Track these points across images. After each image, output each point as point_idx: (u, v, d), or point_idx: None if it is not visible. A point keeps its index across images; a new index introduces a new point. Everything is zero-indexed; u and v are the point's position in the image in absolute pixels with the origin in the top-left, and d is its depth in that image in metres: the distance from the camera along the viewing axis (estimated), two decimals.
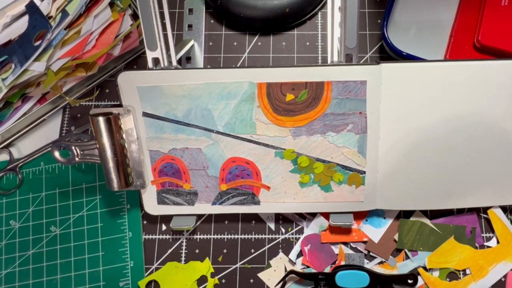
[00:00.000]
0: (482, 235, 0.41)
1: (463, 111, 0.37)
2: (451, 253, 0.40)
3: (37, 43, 0.38)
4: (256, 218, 0.43)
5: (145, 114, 0.38)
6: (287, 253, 0.42)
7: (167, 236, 0.43)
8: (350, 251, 0.41)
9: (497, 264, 0.40)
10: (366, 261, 0.41)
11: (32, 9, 0.37)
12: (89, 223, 0.43)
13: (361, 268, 0.39)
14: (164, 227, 0.43)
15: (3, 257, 0.43)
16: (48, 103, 0.44)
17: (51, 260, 0.42)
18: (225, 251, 0.42)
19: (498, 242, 0.41)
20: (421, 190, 0.39)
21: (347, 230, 0.41)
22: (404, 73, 0.36)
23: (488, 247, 0.41)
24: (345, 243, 0.41)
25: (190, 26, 0.48)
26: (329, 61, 0.38)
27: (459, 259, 0.40)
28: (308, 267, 0.41)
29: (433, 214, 0.42)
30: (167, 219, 0.43)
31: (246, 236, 0.42)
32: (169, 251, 0.42)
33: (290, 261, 0.41)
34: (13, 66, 0.38)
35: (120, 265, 0.42)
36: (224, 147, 0.39)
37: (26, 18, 0.38)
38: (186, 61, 0.47)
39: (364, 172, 0.38)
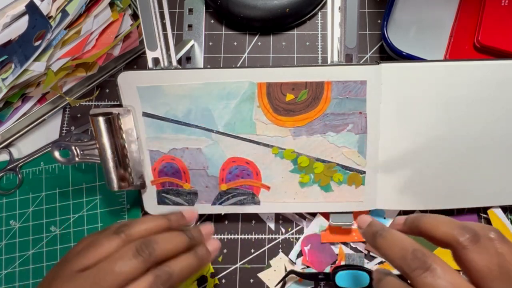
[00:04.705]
0: None
1: (463, 111, 0.37)
2: (451, 253, 0.40)
3: (37, 43, 0.38)
4: (256, 218, 0.43)
5: (145, 114, 0.38)
6: (287, 253, 0.42)
7: None
8: (350, 251, 0.41)
9: None
10: (366, 261, 0.41)
11: (32, 9, 0.37)
12: (89, 223, 0.43)
13: (361, 268, 0.39)
14: None
15: (3, 257, 0.43)
16: (48, 103, 0.44)
17: (51, 260, 0.42)
18: (225, 251, 0.42)
19: None
20: (421, 190, 0.39)
21: (347, 230, 0.41)
22: (404, 73, 0.36)
23: None
24: (345, 243, 0.41)
25: (190, 26, 0.48)
26: (329, 61, 0.38)
27: None
28: (308, 267, 0.41)
29: None
30: None
31: (246, 236, 0.42)
32: None
33: (290, 261, 0.41)
34: (13, 66, 0.38)
35: None
36: (224, 147, 0.39)
37: (26, 18, 0.38)
38: (186, 61, 0.47)
39: (364, 172, 0.38)
